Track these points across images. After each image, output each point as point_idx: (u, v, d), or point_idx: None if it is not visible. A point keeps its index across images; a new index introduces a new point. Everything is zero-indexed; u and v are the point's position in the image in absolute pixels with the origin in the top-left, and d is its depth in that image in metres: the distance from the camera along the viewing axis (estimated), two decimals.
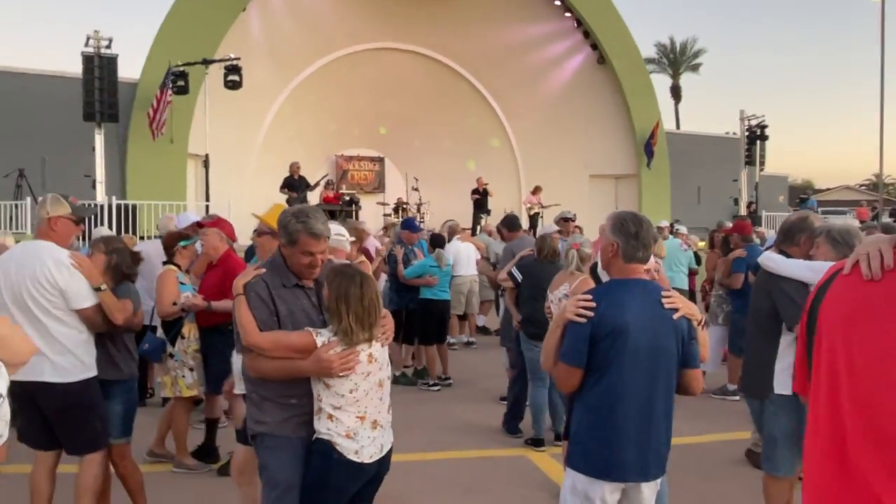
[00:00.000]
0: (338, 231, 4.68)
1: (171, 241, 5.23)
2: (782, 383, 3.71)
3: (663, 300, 2.77)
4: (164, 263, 5.12)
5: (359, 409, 2.79)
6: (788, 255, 3.95)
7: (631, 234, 2.82)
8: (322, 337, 2.74)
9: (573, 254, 5.03)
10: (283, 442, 2.85)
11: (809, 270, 3.72)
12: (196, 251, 5.36)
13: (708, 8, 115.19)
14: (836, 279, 1.66)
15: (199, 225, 5.48)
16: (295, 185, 15.90)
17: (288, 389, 2.84)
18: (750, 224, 8.07)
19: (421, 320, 7.91)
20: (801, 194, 21.96)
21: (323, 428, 2.77)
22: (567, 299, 3.51)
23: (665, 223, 11.55)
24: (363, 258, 6.17)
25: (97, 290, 3.72)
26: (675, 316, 2.75)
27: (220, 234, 5.15)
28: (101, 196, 13.45)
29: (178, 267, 5.09)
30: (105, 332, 3.84)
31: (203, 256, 5.28)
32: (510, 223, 8.21)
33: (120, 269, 4.00)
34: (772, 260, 3.91)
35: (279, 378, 2.82)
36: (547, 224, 16.07)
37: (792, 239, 3.98)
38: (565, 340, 2.76)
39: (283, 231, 2.91)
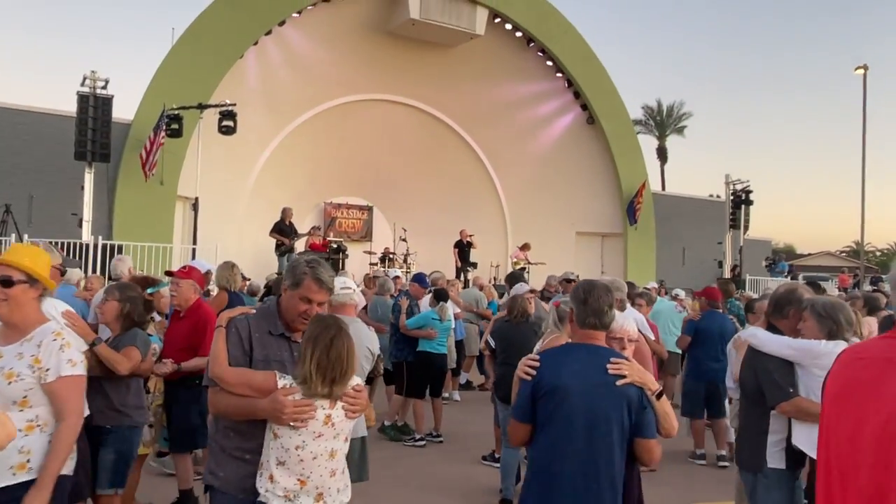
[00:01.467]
0: (344, 284, 4.36)
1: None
2: (775, 457, 3.71)
3: (609, 366, 2.80)
4: None
5: (302, 472, 2.61)
6: (777, 329, 3.94)
7: (580, 300, 2.94)
8: (284, 380, 2.64)
9: (553, 311, 5.07)
10: (230, 500, 2.75)
11: (790, 348, 3.73)
12: (164, 297, 5.28)
13: (694, 73, 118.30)
14: (842, 354, 1.74)
15: (168, 273, 5.40)
16: (286, 230, 15.92)
17: (245, 442, 2.74)
18: (718, 291, 8.13)
19: (417, 373, 7.82)
20: (767, 257, 22.00)
21: (262, 488, 2.63)
22: None
23: (653, 284, 11.61)
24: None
25: (91, 345, 3.71)
26: (619, 383, 2.77)
27: (194, 286, 5.04)
28: (86, 235, 13.34)
29: None
30: (104, 375, 3.82)
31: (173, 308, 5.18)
32: (511, 279, 8.35)
33: (131, 317, 4.08)
34: (755, 336, 3.89)
35: (235, 415, 2.74)
36: (533, 282, 16.10)
37: (780, 311, 3.97)
38: (516, 397, 2.94)
39: (290, 273, 2.91)
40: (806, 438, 3.63)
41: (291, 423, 2.59)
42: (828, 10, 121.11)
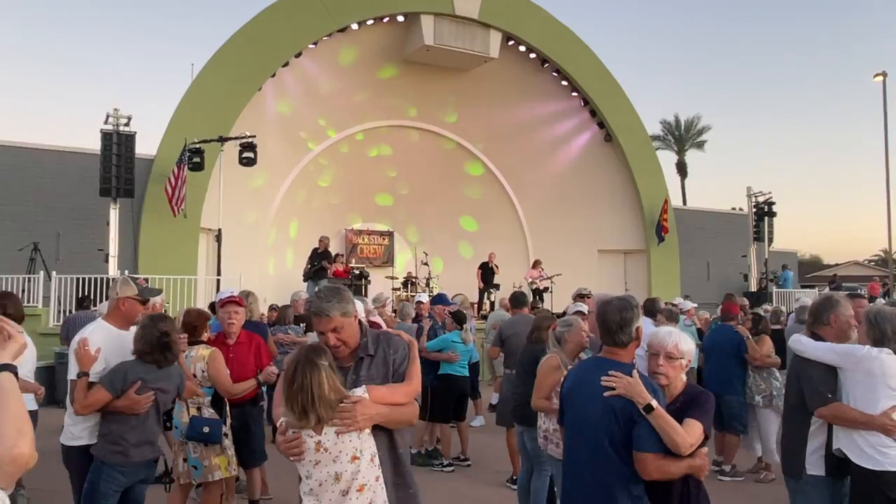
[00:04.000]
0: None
1: (198, 320, 5.18)
2: (814, 464, 3.78)
3: (602, 379, 2.96)
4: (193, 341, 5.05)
5: (317, 500, 2.73)
6: (820, 337, 3.98)
7: (597, 318, 3.20)
8: (284, 419, 2.79)
9: (550, 334, 5.15)
10: None
11: (833, 353, 3.81)
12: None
13: (712, 86, 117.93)
14: None
15: (229, 301, 5.52)
16: (314, 256, 16.17)
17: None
18: (733, 305, 8.21)
19: (439, 397, 7.77)
20: (773, 272, 21.62)
21: None
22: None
23: (679, 300, 11.50)
24: None
25: (78, 375, 3.96)
26: (606, 395, 2.92)
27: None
28: (112, 270, 13.53)
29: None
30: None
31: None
32: (514, 300, 8.29)
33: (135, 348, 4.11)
34: (799, 342, 3.97)
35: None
36: (556, 298, 16.02)
37: (821, 319, 4.02)
38: None
39: None
40: (847, 444, 3.63)
41: (290, 458, 2.75)
42: (846, 16, 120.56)
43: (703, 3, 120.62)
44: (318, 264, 16.06)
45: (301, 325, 8.68)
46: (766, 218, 20.62)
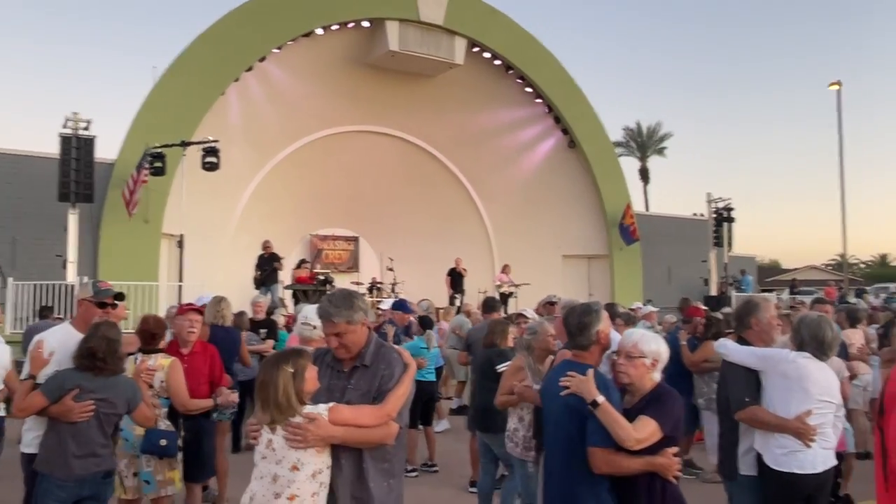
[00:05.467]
0: (305, 319, 4.40)
1: (157, 327, 4.89)
2: (746, 465, 3.87)
3: (561, 379, 3.18)
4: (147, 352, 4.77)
5: (252, 493, 2.84)
6: (745, 341, 4.08)
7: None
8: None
9: (519, 341, 5.23)
10: None
11: (755, 357, 3.91)
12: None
13: (674, 94, 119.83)
14: None
15: (187, 309, 5.40)
16: (262, 262, 15.90)
17: None
18: (695, 309, 8.44)
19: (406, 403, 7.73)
20: (733, 276, 22.07)
21: None
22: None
23: (637, 305, 11.66)
24: None
25: (26, 377, 3.94)
26: (562, 393, 3.13)
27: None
28: (71, 276, 13.29)
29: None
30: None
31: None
32: (486, 305, 8.32)
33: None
34: (724, 346, 4.08)
35: None
36: (521, 304, 16.14)
37: (743, 323, 4.14)
38: None
39: None
40: (762, 446, 3.77)
41: (250, 441, 2.93)
42: (804, 26, 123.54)
43: (664, 13, 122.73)
44: (269, 269, 15.82)
45: (261, 331, 8.55)
46: (725, 223, 21.05)
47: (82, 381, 3.83)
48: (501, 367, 5.38)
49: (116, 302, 4.37)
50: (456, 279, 18.58)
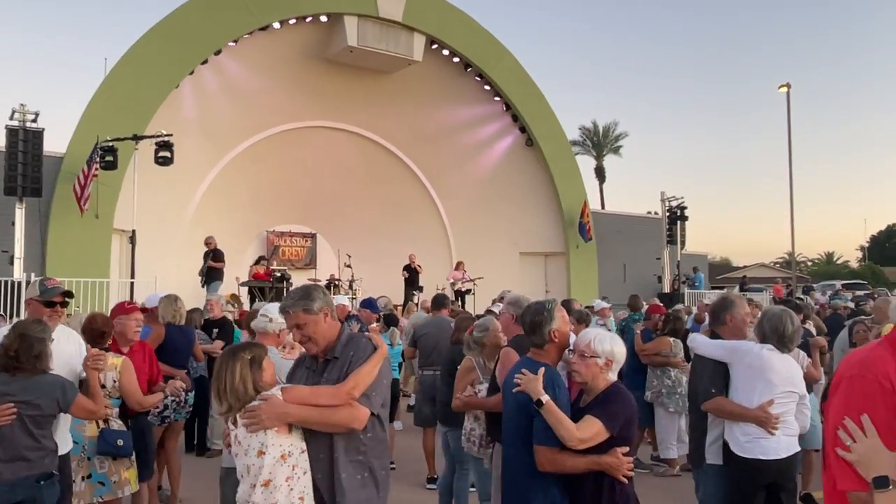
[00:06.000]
0: (263, 312, 4.39)
1: (105, 325, 4.81)
2: (712, 454, 4.02)
3: (514, 377, 3.24)
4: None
5: (238, 489, 2.86)
6: (718, 335, 4.23)
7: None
8: None
9: (468, 338, 5.22)
10: None
11: (722, 349, 4.08)
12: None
13: (629, 94, 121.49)
14: None
15: (142, 310, 5.45)
16: (204, 258, 15.55)
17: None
18: (656, 305, 8.72)
19: None
20: (686, 275, 22.47)
21: None
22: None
23: (597, 302, 11.84)
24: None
25: None
26: (514, 390, 3.20)
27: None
28: (18, 273, 12.92)
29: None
30: None
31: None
32: (434, 301, 8.42)
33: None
34: (694, 340, 4.28)
35: None
36: (479, 299, 16.24)
37: (718, 319, 4.28)
38: None
39: None
40: (728, 434, 3.94)
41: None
42: (754, 28, 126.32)
43: (620, 14, 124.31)
44: (204, 266, 15.42)
45: (214, 330, 8.39)
46: (678, 222, 21.44)
47: (0, 384, 3.63)
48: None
49: (67, 300, 4.19)
50: (412, 276, 18.60)
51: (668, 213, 21.75)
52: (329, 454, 2.89)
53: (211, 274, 15.30)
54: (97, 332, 4.67)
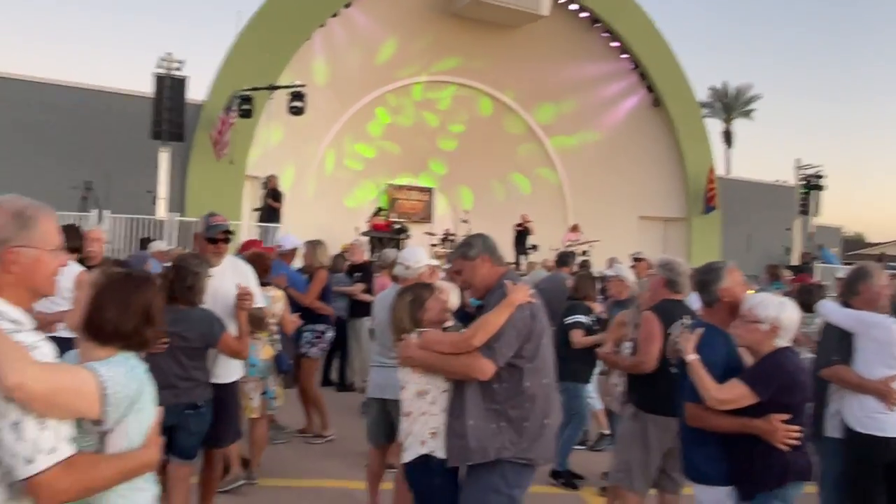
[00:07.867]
0: (401, 260, 4.43)
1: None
2: (832, 427, 3.91)
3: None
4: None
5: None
6: (851, 306, 4.04)
7: None
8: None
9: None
10: None
11: (850, 319, 3.91)
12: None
13: (764, 54, 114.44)
14: None
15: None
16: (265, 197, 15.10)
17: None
18: (805, 275, 8.21)
19: None
20: (817, 247, 20.98)
21: None
22: None
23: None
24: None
25: None
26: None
27: None
28: (161, 212, 13.83)
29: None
30: None
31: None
32: (559, 258, 8.48)
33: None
34: (824, 307, 4.17)
35: None
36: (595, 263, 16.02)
37: (852, 288, 4.08)
38: None
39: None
40: (845, 407, 3.80)
41: None
42: None
43: None
44: (265, 204, 14.94)
45: (357, 274, 8.34)
46: (813, 191, 20.20)
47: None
48: (569, 320, 5.72)
49: (229, 237, 4.30)
50: (520, 235, 18.37)
51: (802, 182, 20.50)
52: (461, 400, 2.97)
53: (269, 213, 14.98)
54: (261, 268, 5.00)
